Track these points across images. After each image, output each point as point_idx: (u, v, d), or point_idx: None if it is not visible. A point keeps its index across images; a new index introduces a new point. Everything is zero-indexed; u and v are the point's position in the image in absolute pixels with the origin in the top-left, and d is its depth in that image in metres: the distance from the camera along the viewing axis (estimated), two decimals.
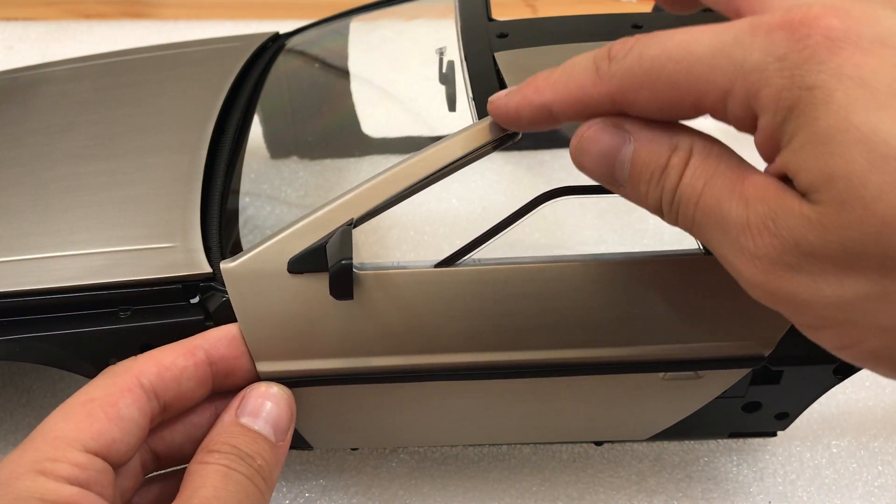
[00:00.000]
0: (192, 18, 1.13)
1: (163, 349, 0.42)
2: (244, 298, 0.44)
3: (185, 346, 0.43)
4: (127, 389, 0.39)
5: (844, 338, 0.31)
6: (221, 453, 0.40)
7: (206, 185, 0.51)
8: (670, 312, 0.44)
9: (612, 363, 0.46)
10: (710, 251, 0.35)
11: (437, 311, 0.44)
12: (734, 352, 0.45)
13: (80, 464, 0.37)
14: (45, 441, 0.38)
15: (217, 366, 0.43)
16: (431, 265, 0.43)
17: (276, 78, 0.69)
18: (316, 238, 0.43)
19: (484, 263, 0.44)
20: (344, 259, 0.41)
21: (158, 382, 0.41)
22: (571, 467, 0.56)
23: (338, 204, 0.43)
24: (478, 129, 0.44)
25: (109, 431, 0.38)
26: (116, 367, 0.41)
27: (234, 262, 0.44)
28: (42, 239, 0.48)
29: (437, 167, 0.43)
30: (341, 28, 0.74)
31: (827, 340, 0.32)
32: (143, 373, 0.40)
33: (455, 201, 0.75)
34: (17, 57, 1.02)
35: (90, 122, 0.58)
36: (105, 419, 0.38)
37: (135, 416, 0.39)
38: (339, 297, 0.42)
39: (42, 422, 0.39)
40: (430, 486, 0.55)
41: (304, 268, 0.43)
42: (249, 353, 0.44)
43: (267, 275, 0.43)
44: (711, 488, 0.55)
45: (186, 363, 0.42)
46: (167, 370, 0.41)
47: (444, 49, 0.62)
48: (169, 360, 0.41)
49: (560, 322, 0.44)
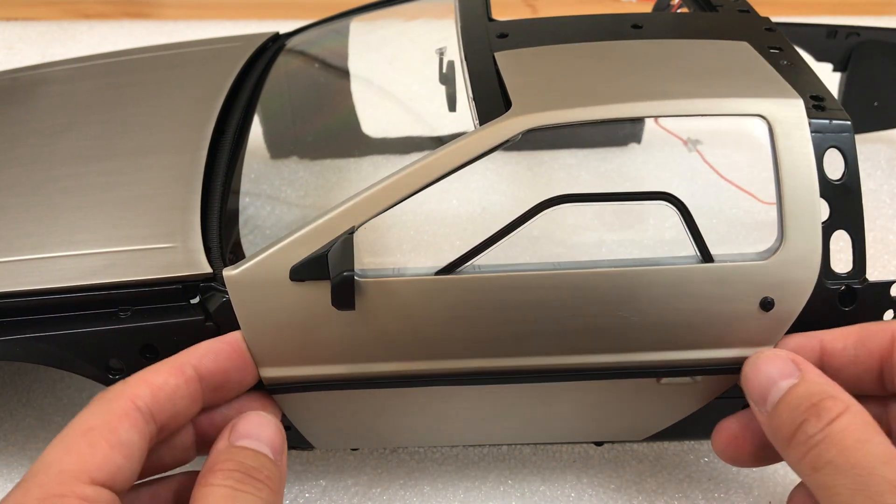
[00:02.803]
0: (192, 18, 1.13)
1: (150, 369, 0.42)
2: (247, 306, 0.44)
3: (172, 364, 0.42)
4: (124, 414, 0.39)
5: None
6: (226, 471, 0.39)
7: (206, 186, 0.51)
8: (667, 319, 0.45)
9: (610, 369, 0.46)
10: (820, 489, 0.39)
11: (438, 319, 0.44)
12: (730, 357, 0.46)
13: (88, 497, 0.36)
14: (48, 476, 0.37)
15: (206, 381, 0.42)
16: (432, 273, 0.44)
17: (276, 78, 0.69)
18: (317, 246, 0.43)
19: (484, 271, 0.44)
20: (345, 271, 0.41)
21: (154, 404, 0.40)
22: (571, 468, 0.56)
23: (339, 212, 0.43)
24: (478, 136, 0.44)
25: (113, 459, 0.37)
26: (108, 394, 0.40)
27: (236, 270, 0.44)
28: (42, 239, 0.48)
29: (438, 175, 0.44)
30: (341, 28, 0.74)
31: None
32: (138, 396, 0.40)
33: (455, 201, 0.75)
34: (17, 57, 1.02)
35: (90, 122, 0.58)
36: (107, 447, 0.37)
37: (135, 440, 0.38)
38: (341, 308, 0.43)
39: (41, 455, 0.38)
40: (431, 487, 0.55)
41: (305, 276, 0.43)
42: (236, 365, 0.44)
43: (269, 282, 0.43)
44: (711, 489, 0.55)
45: (178, 381, 0.41)
46: (160, 390, 0.40)
47: (444, 49, 0.62)
48: (160, 380, 0.41)
49: (559, 329, 0.45)
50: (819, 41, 0.74)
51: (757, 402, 0.43)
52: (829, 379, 0.42)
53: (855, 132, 0.45)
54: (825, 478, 0.39)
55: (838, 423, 0.39)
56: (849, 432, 0.38)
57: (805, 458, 0.40)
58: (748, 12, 0.56)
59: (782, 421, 0.41)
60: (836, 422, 0.39)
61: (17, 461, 0.57)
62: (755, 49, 0.50)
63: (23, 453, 0.57)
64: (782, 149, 0.44)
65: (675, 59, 0.49)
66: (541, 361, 0.46)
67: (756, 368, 0.43)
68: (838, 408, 0.39)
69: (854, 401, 0.40)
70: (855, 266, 0.45)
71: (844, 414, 0.39)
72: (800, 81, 0.47)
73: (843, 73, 0.76)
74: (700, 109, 0.44)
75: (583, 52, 0.50)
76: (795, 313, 0.44)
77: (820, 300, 0.45)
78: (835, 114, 0.45)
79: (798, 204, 0.44)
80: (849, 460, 0.38)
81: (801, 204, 0.44)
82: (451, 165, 0.43)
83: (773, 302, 0.44)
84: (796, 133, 0.44)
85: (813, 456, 0.39)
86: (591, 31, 0.52)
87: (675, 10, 0.66)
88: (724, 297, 0.44)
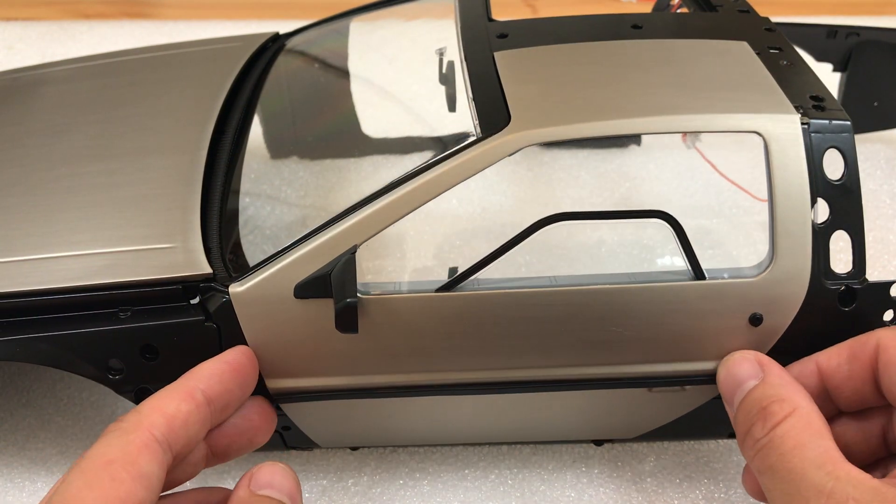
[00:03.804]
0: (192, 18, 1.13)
1: (161, 396, 0.41)
2: (253, 321, 0.44)
3: (182, 390, 0.42)
4: (144, 446, 0.38)
5: None
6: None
7: (206, 186, 0.51)
8: (660, 334, 0.45)
9: (605, 380, 0.47)
10: (765, 492, 0.40)
11: (439, 334, 0.45)
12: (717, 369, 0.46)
13: None
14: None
15: (214, 403, 0.42)
16: (433, 289, 0.44)
17: (276, 78, 0.69)
18: (321, 263, 0.43)
19: (483, 287, 0.45)
20: (349, 297, 0.42)
21: (169, 433, 0.40)
22: (571, 467, 0.56)
23: (341, 230, 0.44)
24: (479, 152, 0.44)
25: (136, 492, 0.37)
26: (124, 424, 0.39)
27: (242, 287, 0.44)
28: (42, 239, 0.48)
29: (439, 191, 0.44)
30: (341, 28, 0.74)
31: None
32: (154, 426, 0.39)
33: (455, 201, 0.75)
34: (17, 57, 1.02)
35: (90, 122, 0.58)
36: (130, 480, 0.37)
37: (155, 471, 0.38)
38: (344, 331, 0.44)
39: (61, 489, 0.37)
40: (431, 486, 0.55)
41: (309, 293, 0.44)
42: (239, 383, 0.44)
43: (274, 299, 0.44)
44: (711, 489, 0.55)
45: (189, 408, 0.41)
46: (174, 419, 0.40)
47: (444, 49, 0.62)
48: (173, 408, 0.40)
49: (555, 343, 0.46)
50: (819, 41, 0.74)
51: (728, 403, 0.44)
52: (791, 380, 0.42)
53: (855, 132, 0.45)
54: (766, 481, 0.39)
55: (781, 427, 0.39)
56: (789, 437, 0.39)
57: (753, 461, 0.40)
58: (748, 12, 0.56)
59: (739, 423, 0.42)
60: (780, 426, 0.39)
61: (17, 461, 0.57)
62: (755, 49, 0.50)
63: (23, 453, 0.57)
64: (777, 166, 0.44)
65: (673, 63, 0.49)
66: (538, 373, 0.47)
67: (727, 370, 0.44)
68: (784, 411, 0.40)
69: (804, 403, 0.40)
70: (855, 266, 0.45)
71: (789, 417, 0.39)
72: (799, 82, 0.47)
73: (843, 73, 0.76)
74: (697, 126, 0.45)
75: (582, 54, 0.50)
76: (783, 328, 0.45)
77: (809, 314, 0.45)
78: (835, 114, 0.45)
79: (790, 221, 0.44)
80: (785, 465, 0.38)
81: (792, 221, 0.44)
82: (451, 182, 0.44)
83: (761, 318, 0.45)
84: (791, 150, 0.44)
85: (758, 460, 0.40)
86: (590, 32, 0.52)
87: (675, 10, 0.66)
88: (714, 313, 0.45)
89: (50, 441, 0.58)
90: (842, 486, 0.36)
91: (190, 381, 0.42)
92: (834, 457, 0.38)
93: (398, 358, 0.46)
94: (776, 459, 0.39)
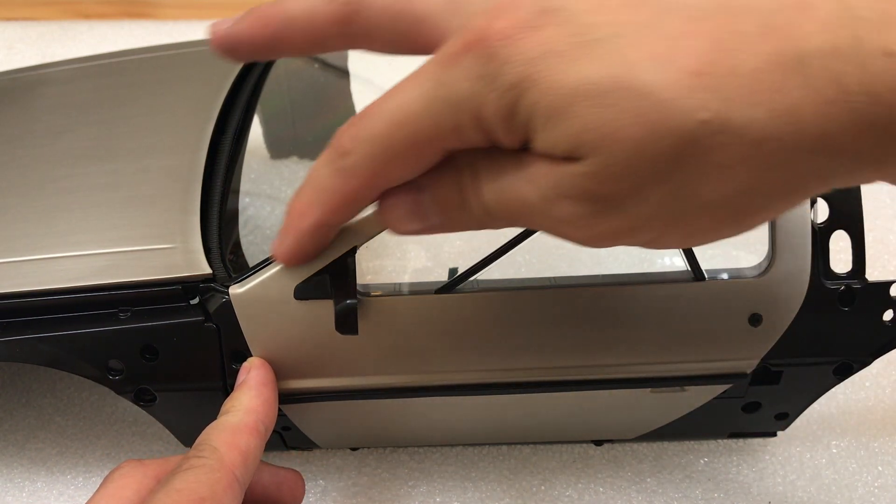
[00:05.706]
0: (192, 18, 1.13)
1: (232, 431, 0.41)
2: (253, 323, 0.44)
3: (248, 423, 0.42)
4: (228, 486, 0.39)
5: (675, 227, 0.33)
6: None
7: (206, 186, 0.51)
8: (659, 335, 0.45)
9: (605, 381, 0.47)
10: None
11: (439, 335, 0.45)
12: (717, 369, 0.47)
13: None
14: None
15: (268, 432, 0.43)
16: (432, 290, 0.45)
17: (276, 78, 0.69)
18: (321, 264, 0.43)
19: (482, 288, 0.45)
20: (348, 300, 0.43)
21: (244, 472, 0.40)
22: (571, 467, 0.56)
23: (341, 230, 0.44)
24: None
25: None
26: (210, 462, 0.39)
27: (242, 289, 0.44)
28: (41, 240, 0.48)
29: None
30: None
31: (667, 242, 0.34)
32: (235, 465, 0.40)
33: None
34: (17, 57, 1.02)
35: (90, 122, 0.58)
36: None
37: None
38: (345, 333, 0.44)
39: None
40: (430, 486, 0.55)
41: (309, 295, 0.44)
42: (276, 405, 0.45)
43: (274, 301, 0.44)
44: (711, 489, 0.55)
45: (257, 442, 0.41)
46: (248, 456, 0.40)
47: None
48: (245, 444, 0.41)
49: (554, 344, 0.46)
50: None
51: (431, 230, 0.38)
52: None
53: None
54: (526, 225, 0.37)
55: (486, 197, 0.35)
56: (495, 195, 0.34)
57: (499, 227, 0.37)
58: None
59: (461, 223, 0.38)
60: (484, 197, 0.35)
61: (17, 461, 0.57)
62: None
63: (23, 453, 0.57)
64: None
65: None
66: (538, 374, 0.47)
67: (397, 220, 0.38)
68: (473, 182, 0.35)
69: (468, 154, 0.35)
70: (854, 266, 0.45)
71: (481, 182, 0.35)
72: None
73: None
74: None
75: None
76: (783, 328, 0.45)
77: (811, 311, 0.45)
78: None
79: (789, 221, 0.44)
80: (520, 211, 0.34)
81: (792, 221, 0.44)
82: None
83: (761, 318, 0.45)
84: None
85: (504, 223, 0.36)
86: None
87: None
88: (713, 314, 0.45)
89: (50, 441, 0.58)
90: None
91: (250, 415, 0.42)
92: None
93: (398, 359, 0.46)
94: None
